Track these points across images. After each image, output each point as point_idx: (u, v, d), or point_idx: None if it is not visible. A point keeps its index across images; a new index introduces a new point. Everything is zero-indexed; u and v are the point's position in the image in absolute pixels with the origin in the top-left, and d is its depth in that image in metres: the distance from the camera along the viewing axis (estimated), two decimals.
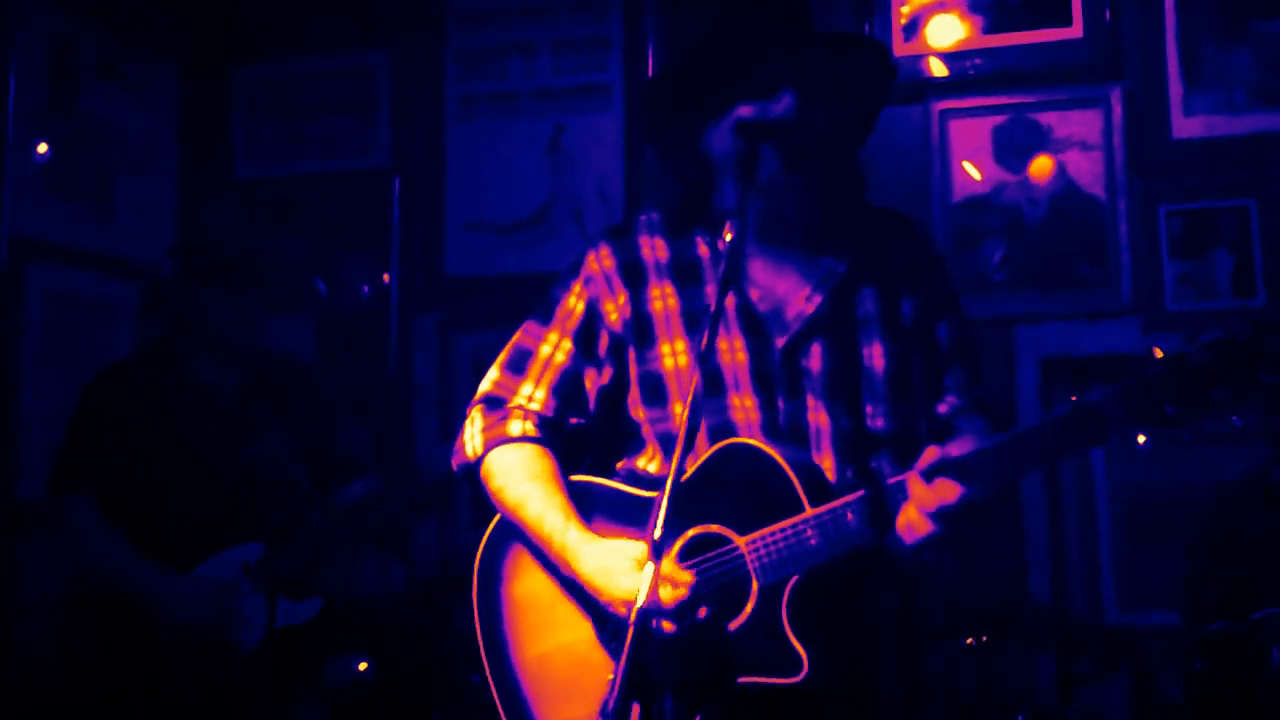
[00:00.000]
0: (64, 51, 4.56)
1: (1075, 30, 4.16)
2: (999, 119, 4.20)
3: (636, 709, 1.83)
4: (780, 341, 2.15)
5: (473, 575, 2.28)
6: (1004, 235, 4.16)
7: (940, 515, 1.86)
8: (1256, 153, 3.98)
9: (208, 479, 3.48)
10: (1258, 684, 3.23)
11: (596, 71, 4.65)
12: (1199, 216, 4.01)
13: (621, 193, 4.57)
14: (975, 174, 4.20)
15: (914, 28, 4.31)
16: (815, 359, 2.14)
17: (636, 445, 2.25)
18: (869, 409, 2.15)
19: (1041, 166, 4.16)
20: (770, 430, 2.12)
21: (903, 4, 4.32)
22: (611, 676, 1.75)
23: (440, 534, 4.51)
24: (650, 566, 1.70)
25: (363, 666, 4.09)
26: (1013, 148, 4.18)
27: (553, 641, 2.17)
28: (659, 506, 1.72)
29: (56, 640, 3.97)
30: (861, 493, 1.95)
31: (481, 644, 2.24)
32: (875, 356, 2.16)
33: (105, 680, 3.38)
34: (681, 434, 1.78)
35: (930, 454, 1.88)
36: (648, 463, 2.22)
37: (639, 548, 2.00)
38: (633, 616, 1.67)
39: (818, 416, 2.12)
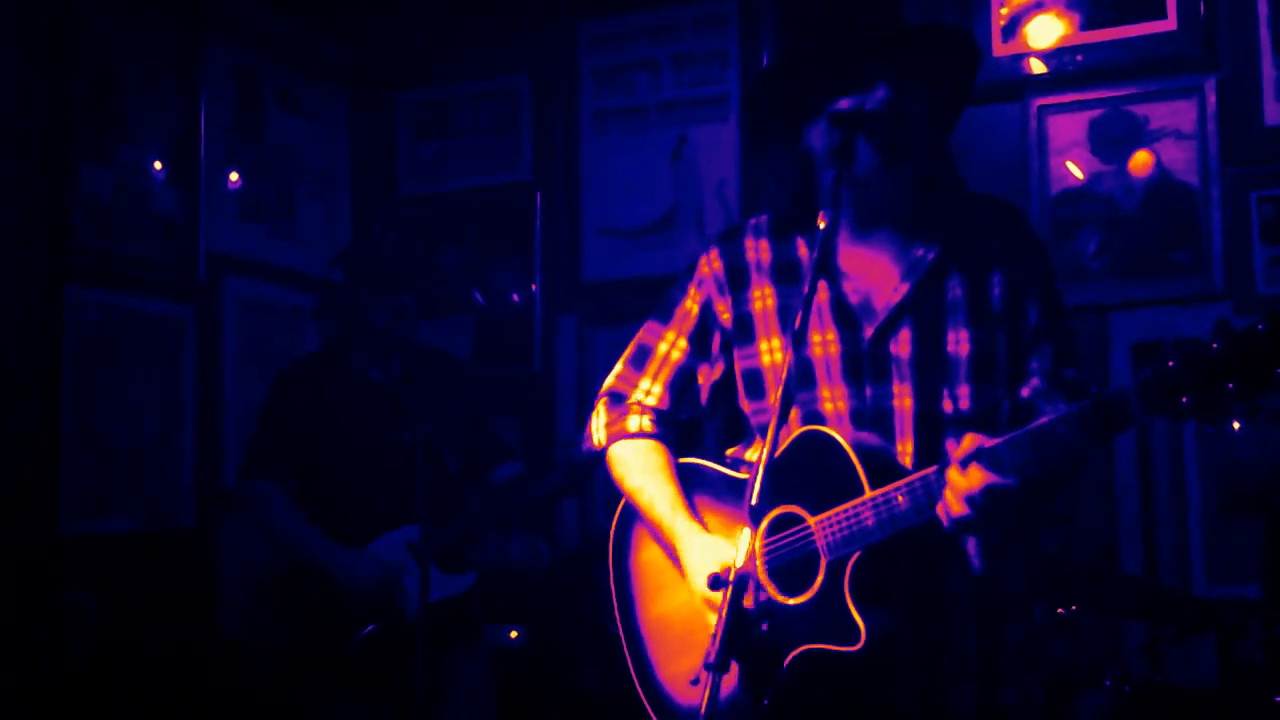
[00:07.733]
0: (249, 86, 4.95)
1: (1170, 23, 4.16)
2: (1096, 112, 4.24)
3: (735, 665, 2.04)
4: (869, 331, 2.19)
5: (608, 544, 2.49)
6: (1100, 224, 4.20)
7: (970, 500, 1.93)
8: None
9: (374, 464, 3.71)
10: None
11: (715, 84, 4.84)
12: None
13: (738, 197, 4.73)
14: (1078, 173, 4.26)
15: (1013, 28, 4.38)
16: (902, 345, 2.18)
17: (746, 435, 2.37)
18: (950, 392, 2.17)
19: (1140, 161, 4.18)
20: (857, 418, 2.18)
21: (1002, 5, 4.39)
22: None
23: (581, 514, 4.82)
24: (746, 532, 1.86)
25: (514, 635, 4.39)
26: (1110, 139, 4.21)
27: (670, 603, 2.35)
28: (754, 482, 1.88)
29: (256, 603, 4.47)
30: (912, 477, 2.02)
31: (615, 603, 2.45)
32: (960, 342, 2.19)
33: (296, 636, 3.74)
34: (773, 422, 1.92)
35: (967, 443, 1.96)
36: (753, 452, 2.33)
37: (729, 550, 2.09)
38: (731, 576, 1.83)
39: (901, 402, 2.17)
